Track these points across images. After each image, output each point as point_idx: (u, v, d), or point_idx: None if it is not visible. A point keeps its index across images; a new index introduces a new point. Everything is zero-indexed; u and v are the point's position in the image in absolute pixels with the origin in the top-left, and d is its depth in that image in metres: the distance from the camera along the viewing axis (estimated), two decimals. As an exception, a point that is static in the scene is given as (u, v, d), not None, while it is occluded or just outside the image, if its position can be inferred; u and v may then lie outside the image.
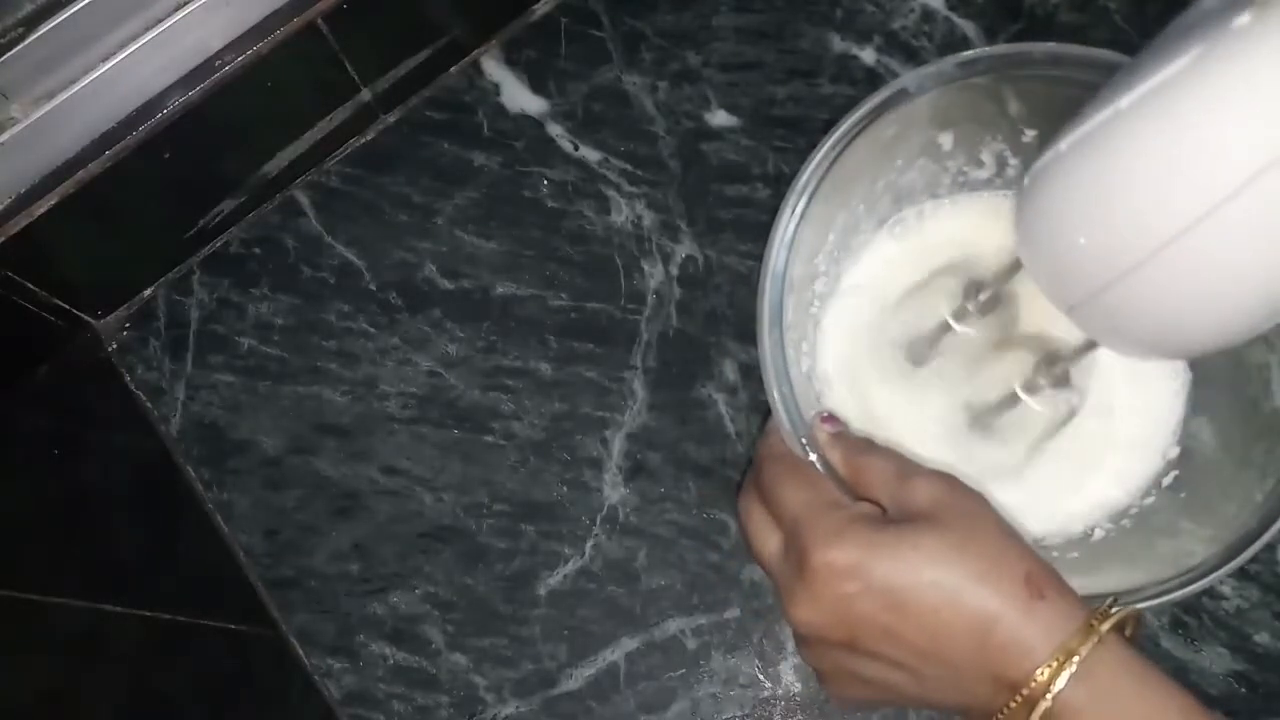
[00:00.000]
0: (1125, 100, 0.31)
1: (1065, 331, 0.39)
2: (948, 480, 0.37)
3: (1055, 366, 0.43)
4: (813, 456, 0.40)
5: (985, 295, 0.44)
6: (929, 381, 0.47)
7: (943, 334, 0.45)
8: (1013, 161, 0.48)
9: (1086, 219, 0.33)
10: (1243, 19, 0.28)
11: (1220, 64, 0.28)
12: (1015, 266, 0.41)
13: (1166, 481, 0.46)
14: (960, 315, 0.45)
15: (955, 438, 0.46)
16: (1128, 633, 0.34)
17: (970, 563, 0.34)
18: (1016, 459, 0.46)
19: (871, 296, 0.48)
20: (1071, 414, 0.46)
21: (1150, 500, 0.46)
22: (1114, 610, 0.34)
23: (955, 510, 0.36)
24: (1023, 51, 0.42)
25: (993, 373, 0.45)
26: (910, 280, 0.48)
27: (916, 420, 0.46)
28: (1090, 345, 0.40)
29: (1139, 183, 0.31)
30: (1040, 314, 0.45)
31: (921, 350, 0.46)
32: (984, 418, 0.46)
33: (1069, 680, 0.32)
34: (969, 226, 0.49)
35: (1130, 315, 0.34)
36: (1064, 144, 0.33)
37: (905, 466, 0.38)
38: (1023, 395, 0.44)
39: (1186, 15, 0.31)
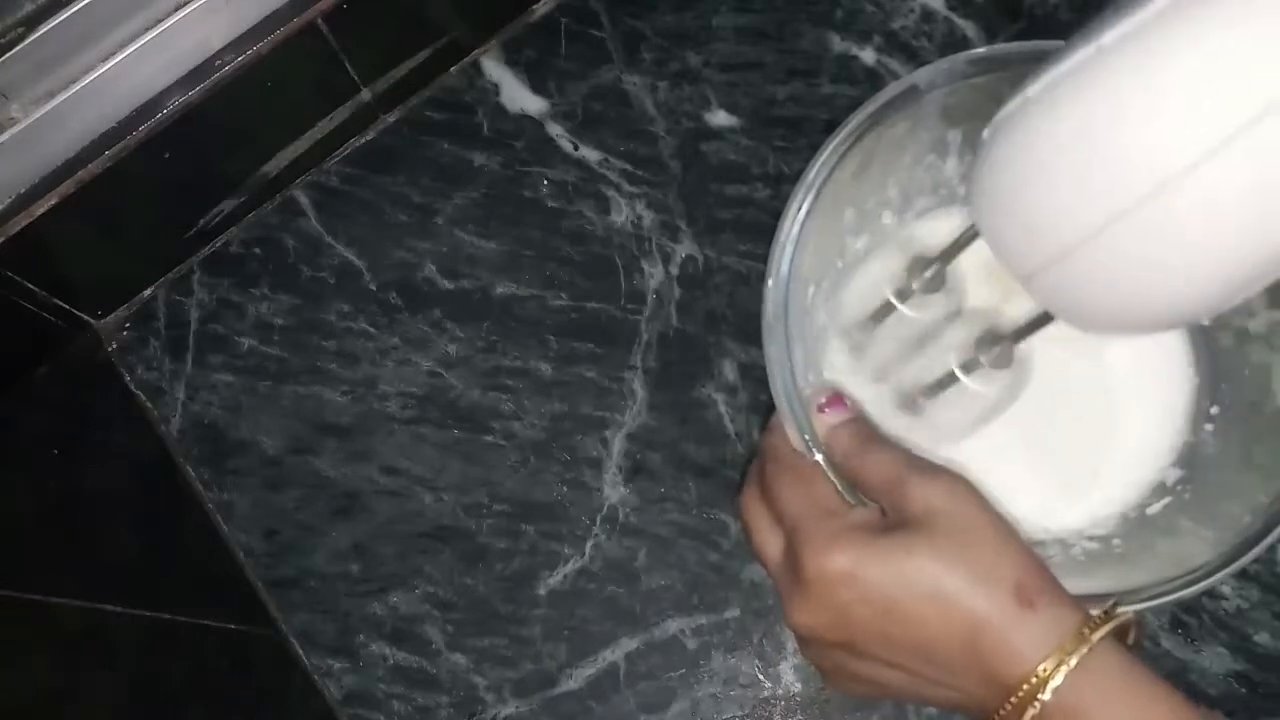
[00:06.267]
0: (1108, 36, 0.28)
1: (1011, 309, 0.37)
2: (945, 483, 0.37)
3: (996, 345, 0.42)
4: (817, 456, 0.40)
5: (930, 272, 0.42)
6: (873, 362, 0.46)
7: (887, 313, 0.44)
8: None
9: (1049, 177, 0.30)
10: None
11: (1197, 13, 0.26)
12: (963, 241, 0.40)
13: (1169, 482, 0.46)
14: (904, 294, 0.43)
15: (891, 420, 0.46)
16: (1130, 640, 0.34)
17: (960, 571, 0.34)
18: (951, 437, 0.46)
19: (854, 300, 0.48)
20: (1013, 398, 0.45)
21: (1152, 501, 0.46)
22: (1110, 616, 0.34)
23: (948, 517, 0.36)
24: (1035, 49, 0.41)
25: (933, 352, 0.44)
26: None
27: (887, 396, 0.46)
28: (1037, 324, 0.38)
29: (1107, 137, 0.28)
30: (986, 292, 0.44)
31: (865, 331, 0.45)
32: (922, 395, 0.45)
33: (1058, 687, 0.32)
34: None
35: (1091, 285, 0.31)
36: (1032, 89, 0.31)
37: (902, 470, 0.38)
38: (960, 375, 0.42)
39: None
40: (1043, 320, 0.38)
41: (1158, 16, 0.27)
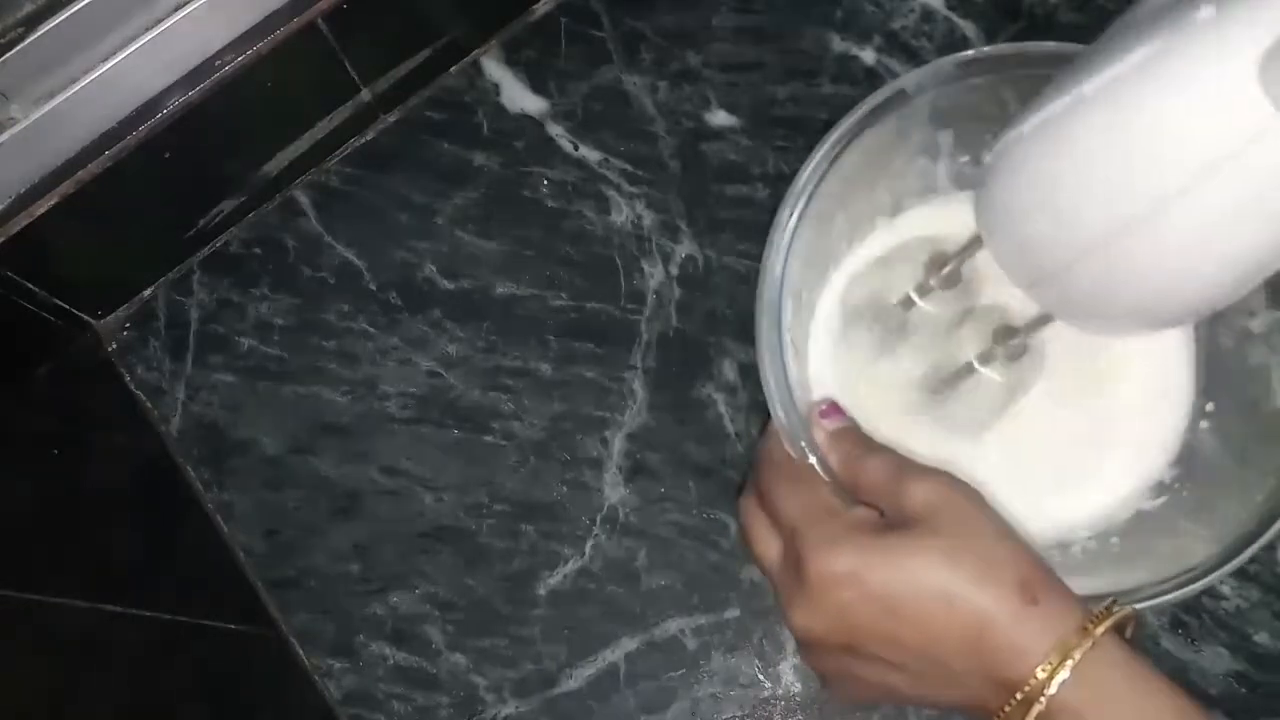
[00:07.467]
0: (1089, 86, 0.32)
1: (1023, 305, 0.40)
2: (942, 483, 0.37)
3: (1012, 339, 0.44)
4: (812, 460, 0.40)
5: (948, 269, 0.44)
6: (895, 354, 0.47)
7: (907, 309, 0.46)
8: None
9: (1046, 201, 0.34)
10: (1206, 11, 0.29)
11: (1184, 54, 0.29)
12: (978, 242, 0.42)
13: (1167, 481, 0.46)
14: (923, 290, 0.45)
15: (915, 409, 0.47)
16: (1127, 634, 0.35)
17: (962, 569, 0.34)
18: (976, 423, 0.47)
19: (861, 295, 0.49)
20: (1030, 385, 0.47)
21: (1150, 500, 0.46)
22: (1112, 611, 0.34)
23: (948, 514, 0.36)
24: (1021, 51, 0.42)
25: (953, 344, 0.46)
26: (875, 254, 0.49)
27: (883, 393, 0.47)
28: (1046, 318, 0.41)
29: (1100, 168, 0.32)
30: (1001, 288, 0.45)
31: (891, 326, 0.47)
32: (940, 388, 0.47)
33: (1064, 682, 0.32)
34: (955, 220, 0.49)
35: (1087, 294, 0.35)
36: (1026, 126, 0.34)
37: (900, 470, 0.38)
38: (978, 366, 0.45)
39: (1148, 2, 0.32)
40: (1047, 318, 0.41)
41: (1129, 71, 0.30)
